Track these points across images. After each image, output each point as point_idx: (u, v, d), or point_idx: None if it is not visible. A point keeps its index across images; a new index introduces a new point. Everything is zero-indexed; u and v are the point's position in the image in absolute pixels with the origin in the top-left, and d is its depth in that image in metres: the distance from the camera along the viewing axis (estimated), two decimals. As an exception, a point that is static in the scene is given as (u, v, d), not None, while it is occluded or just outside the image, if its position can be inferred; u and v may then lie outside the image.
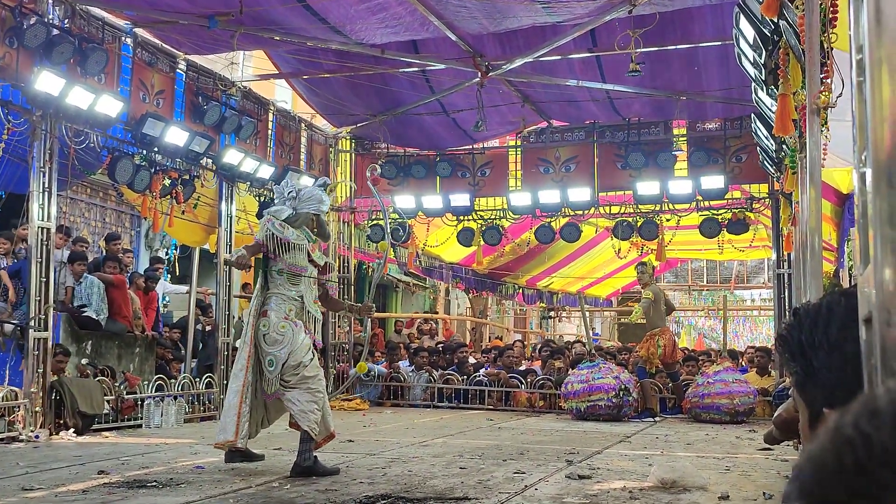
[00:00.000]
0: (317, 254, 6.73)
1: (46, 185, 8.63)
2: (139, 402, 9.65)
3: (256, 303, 6.56)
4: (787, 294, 12.05)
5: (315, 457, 6.30)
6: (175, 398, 10.06)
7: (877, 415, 0.51)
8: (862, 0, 1.12)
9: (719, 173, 12.63)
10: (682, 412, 11.62)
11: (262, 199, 12.09)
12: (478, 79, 11.35)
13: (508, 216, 13.98)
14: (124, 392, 9.51)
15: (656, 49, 10.43)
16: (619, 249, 14.24)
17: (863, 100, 1.08)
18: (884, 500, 0.48)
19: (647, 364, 11.70)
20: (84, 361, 9.53)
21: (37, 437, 8.08)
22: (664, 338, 11.79)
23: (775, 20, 5.31)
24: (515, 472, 6.37)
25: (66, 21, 8.73)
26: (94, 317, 10.00)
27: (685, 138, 13.09)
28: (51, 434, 8.32)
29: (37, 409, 8.30)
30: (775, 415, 2.12)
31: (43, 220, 8.61)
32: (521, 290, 22.49)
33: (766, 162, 10.63)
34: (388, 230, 8.12)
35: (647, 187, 12.84)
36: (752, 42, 6.45)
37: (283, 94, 13.55)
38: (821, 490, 0.51)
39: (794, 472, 0.65)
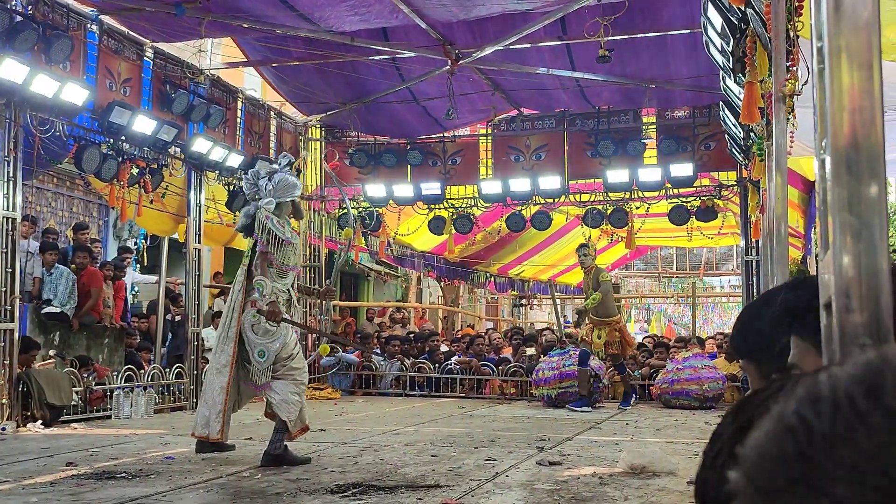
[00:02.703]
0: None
1: (11, 175, 8.52)
2: (108, 393, 9.58)
3: (240, 295, 6.44)
4: (755, 281, 12.17)
5: (285, 446, 6.30)
6: (144, 389, 10.00)
7: (818, 402, 0.52)
8: (822, -12, 1.13)
9: (688, 161, 12.71)
10: (629, 405, 11.23)
11: (231, 188, 12.01)
12: (448, 67, 11.32)
13: (479, 204, 13.99)
14: (93, 383, 9.44)
15: (626, 37, 10.46)
16: (590, 237, 14.30)
17: (823, 87, 1.09)
18: (825, 487, 0.48)
19: (590, 348, 11.25)
20: (52, 352, 9.44)
21: (3, 429, 7.99)
22: (616, 327, 11.43)
23: (742, 8, 5.34)
24: (486, 460, 6.40)
25: (30, 8, 8.60)
26: (56, 310, 9.90)
27: (654, 126, 13.16)
28: (18, 426, 8.24)
29: (3, 400, 8.22)
30: (770, 381, 2.14)
31: (8, 209, 8.50)
32: (492, 279, 22.54)
33: (734, 150, 10.71)
34: (351, 215, 8.08)
35: (617, 175, 12.89)
36: (719, 30, 6.48)
37: (251, 83, 13.45)
38: (762, 477, 0.51)
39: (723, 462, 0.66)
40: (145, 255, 14.27)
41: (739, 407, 0.73)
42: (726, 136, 10.83)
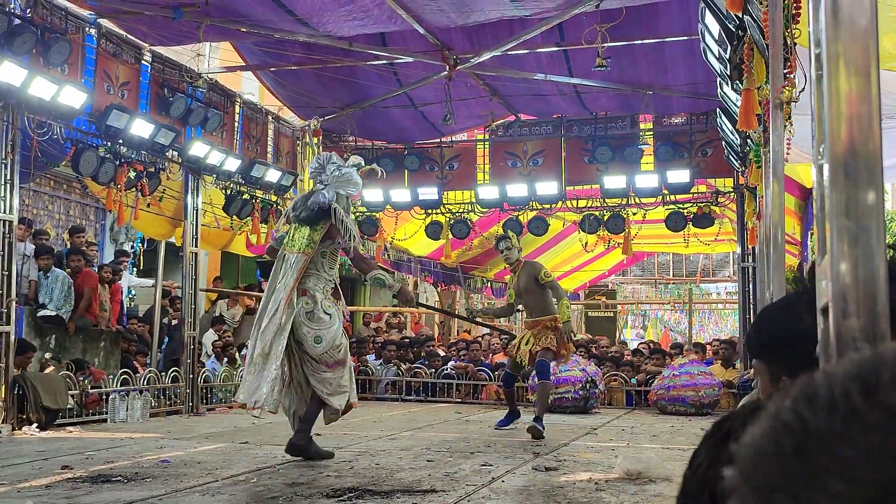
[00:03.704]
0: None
1: (8, 178, 8.51)
2: (104, 397, 9.57)
3: (294, 283, 6.45)
4: (751, 287, 12.18)
5: (310, 437, 6.43)
6: (140, 392, 9.99)
7: (814, 399, 0.52)
8: (820, -5, 1.14)
9: (685, 167, 12.73)
10: (508, 426, 9.30)
11: (229, 191, 12.01)
12: (446, 72, 11.35)
13: (476, 210, 14.00)
14: (89, 386, 9.42)
15: (623, 43, 10.48)
16: (587, 243, 14.32)
17: (821, 94, 1.10)
18: (822, 484, 0.49)
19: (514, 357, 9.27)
20: (48, 356, 9.43)
21: (-1, 432, 7.98)
22: (552, 325, 8.98)
23: (740, 15, 5.36)
24: (482, 465, 6.40)
25: (28, 11, 8.60)
26: (52, 314, 9.89)
27: (651, 132, 13.18)
28: (13, 429, 8.22)
29: (-1, 403, 8.20)
30: (740, 405, 2.15)
31: (4, 212, 8.49)
32: (489, 284, 22.53)
33: (731, 156, 10.74)
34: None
35: (614, 181, 12.91)
36: (717, 37, 6.51)
37: (249, 87, 13.47)
38: (758, 474, 0.51)
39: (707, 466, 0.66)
40: (142, 258, 14.26)
41: (716, 427, 0.74)
42: (723, 142, 10.87)
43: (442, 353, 14.40)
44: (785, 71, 4.62)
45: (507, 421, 9.28)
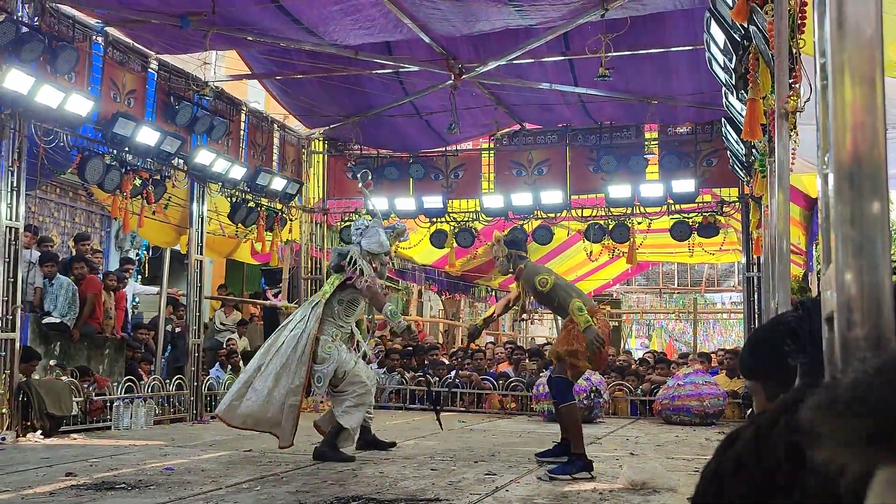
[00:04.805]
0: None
1: (15, 185, 8.53)
2: (108, 404, 9.57)
3: (315, 324, 7.31)
4: (756, 297, 12.16)
5: (335, 444, 7.11)
6: (144, 400, 9.99)
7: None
8: (825, 5, 1.14)
9: (690, 177, 12.73)
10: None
11: (234, 199, 12.03)
12: (451, 81, 11.36)
13: (481, 218, 14.00)
14: (93, 393, 9.43)
15: (628, 53, 10.49)
16: (591, 252, 14.30)
17: (825, 104, 1.10)
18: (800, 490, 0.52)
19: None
20: (52, 363, 9.44)
21: (3, 439, 7.98)
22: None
23: (745, 25, 5.36)
24: (487, 474, 6.39)
25: (36, 19, 8.64)
26: (57, 321, 9.91)
27: (657, 142, 13.18)
28: (18, 436, 8.22)
29: (3, 410, 8.20)
30: (748, 415, 2.15)
31: (11, 219, 8.51)
32: (493, 293, 22.51)
33: (736, 166, 10.73)
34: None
35: (619, 190, 12.91)
36: (722, 47, 6.50)
37: (255, 95, 13.50)
38: (740, 486, 0.55)
39: (712, 472, 0.69)
40: (147, 266, 14.28)
41: (728, 440, 0.77)
42: (728, 152, 10.85)
43: (445, 362, 14.38)
44: (790, 81, 4.62)
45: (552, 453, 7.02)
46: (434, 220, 14.07)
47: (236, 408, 7.24)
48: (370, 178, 8.69)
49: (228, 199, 12.04)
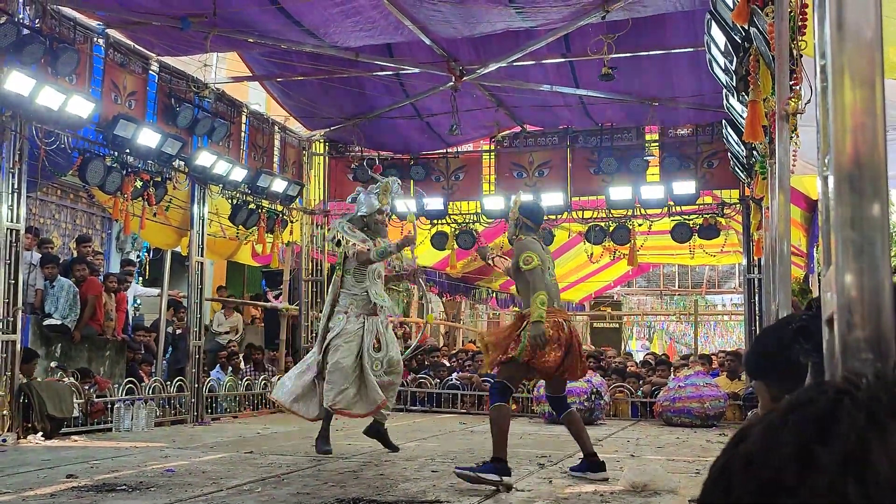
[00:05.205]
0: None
1: (16, 186, 8.54)
2: (109, 406, 9.57)
3: (328, 299, 7.81)
4: (757, 299, 12.16)
5: (326, 436, 7.51)
6: (145, 401, 9.99)
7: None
8: (825, 7, 1.14)
9: (691, 179, 12.73)
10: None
11: (235, 201, 12.03)
12: (452, 83, 11.37)
13: (482, 220, 14.00)
14: (94, 395, 9.43)
15: (629, 55, 10.49)
16: (592, 254, 14.30)
17: (826, 105, 1.10)
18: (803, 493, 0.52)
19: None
20: (53, 365, 9.44)
21: (4, 440, 7.98)
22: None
23: (746, 27, 5.36)
24: (487, 476, 6.37)
25: (37, 21, 8.65)
26: (58, 322, 9.91)
27: (657, 144, 13.18)
28: (18, 438, 8.22)
29: (4, 412, 8.20)
30: (747, 418, 2.16)
31: (12, 221, 8.52)
32: (494, 295, 22.52)
33: (736, 168, 10.73)
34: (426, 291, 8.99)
35: (620, 192, 12.91)
36: (723, 49, 6.51)
37: (256, 97, 13.50)
38: (749, 483, 0.56)
39: (720, 468, 0.70)
40: (147, 267, 14.28)
41: (736, 439, 0.78)
42: (729, 154, 10.86)
43: (447, 364, 14.38)
44: (791, 82, 4.62)
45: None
46: (435, 221, 14.07)
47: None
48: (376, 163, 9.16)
49: (229, 200, 12.04)
